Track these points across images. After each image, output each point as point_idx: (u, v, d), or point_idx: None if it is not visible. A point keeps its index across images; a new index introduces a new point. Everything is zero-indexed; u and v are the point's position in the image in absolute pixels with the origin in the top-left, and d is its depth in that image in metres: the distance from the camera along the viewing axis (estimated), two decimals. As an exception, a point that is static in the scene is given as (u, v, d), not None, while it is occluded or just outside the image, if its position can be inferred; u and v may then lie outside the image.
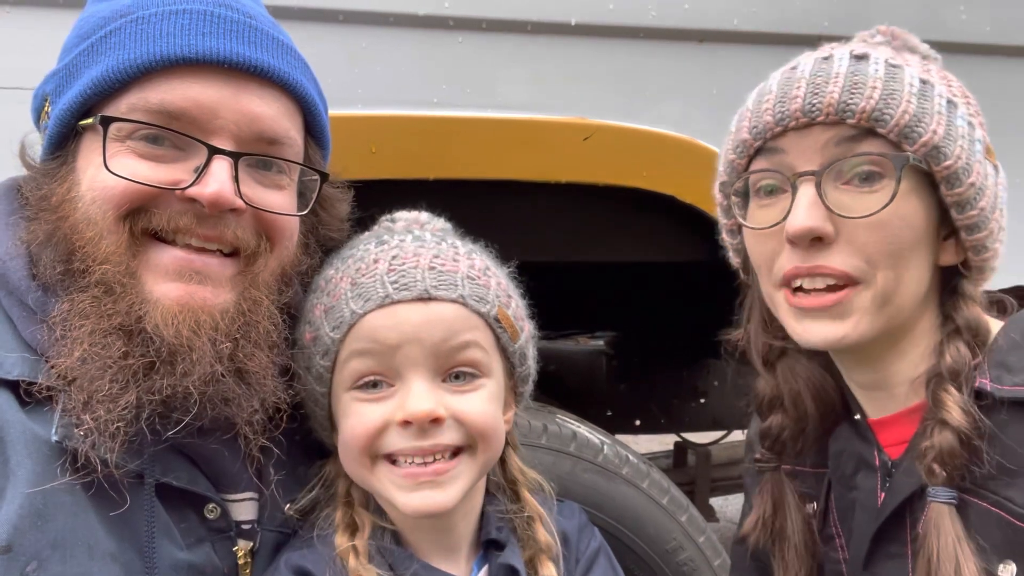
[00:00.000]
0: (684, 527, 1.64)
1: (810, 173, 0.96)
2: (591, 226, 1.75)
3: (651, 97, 1.62)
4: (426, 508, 1.01)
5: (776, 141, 0.99)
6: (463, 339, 1.02)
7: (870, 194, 0.96)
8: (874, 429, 1.08)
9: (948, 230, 1.00)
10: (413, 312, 1.01)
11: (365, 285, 1.03)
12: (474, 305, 1.04)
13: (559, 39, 1.57)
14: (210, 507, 1.03)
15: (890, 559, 1.04)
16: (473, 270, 1.06)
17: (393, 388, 1.02)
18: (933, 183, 0.98)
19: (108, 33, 1.00)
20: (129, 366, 0.95)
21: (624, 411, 2.85)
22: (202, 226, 0.99)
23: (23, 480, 0.91)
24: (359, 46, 1.50)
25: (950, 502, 0.96)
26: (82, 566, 0.92)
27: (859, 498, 1.08)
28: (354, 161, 1.45)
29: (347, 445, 1.04)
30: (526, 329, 1.12)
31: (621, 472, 1.61)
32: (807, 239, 0.96)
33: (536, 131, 1.57)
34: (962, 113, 0.99)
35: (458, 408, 1.02)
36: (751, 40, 1.64)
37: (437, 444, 1.01)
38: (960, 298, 1.01)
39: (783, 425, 1.13)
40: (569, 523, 1.18)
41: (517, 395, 1.14)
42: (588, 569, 1.16)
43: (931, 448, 0.96)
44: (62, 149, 1.03)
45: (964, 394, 0.96)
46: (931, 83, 0.98)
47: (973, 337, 1.00)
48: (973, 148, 0.98)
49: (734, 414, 2.82)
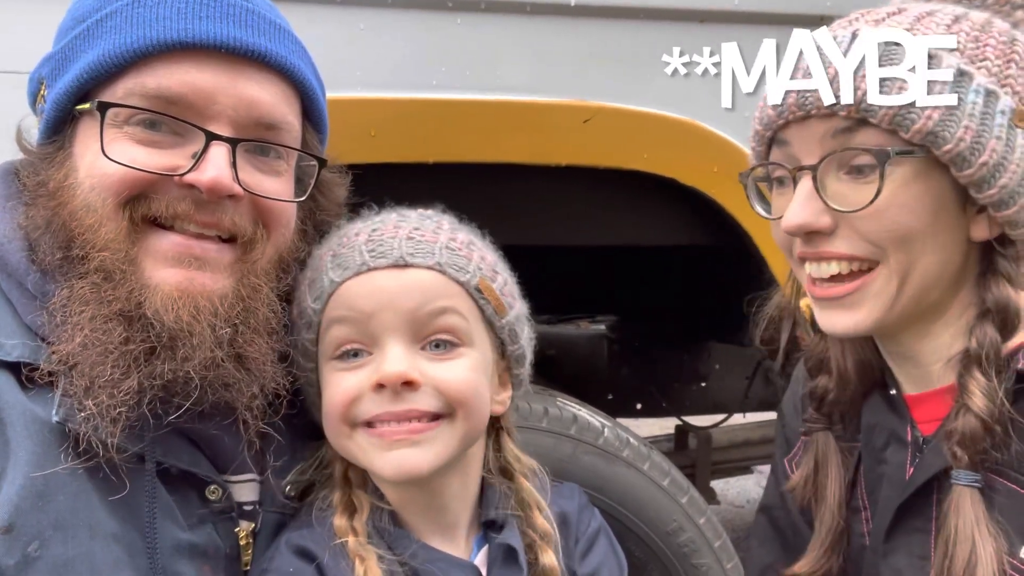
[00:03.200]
0: (685, 509, 1.64)
1: (808, 167, 0.96)
2: (592, 209, 1.75)
3: (652, 79, 1.61)
4: (402, 468, 1.00)
5: (782, 132, 0.99)
6: (439, 304, 1.02)
7: (865, 184, 0.94)
8: (909, 404, 1.08)
9: (979, 204, 0.96)
10: (389, 278, 1.02)
11: (343, 256, 1.04)
12: (452, 273, 1.04)
13: (559, 20, 1.56)
14: (211, 488, 1.03)
15: (913, 533, 1.05)
16: (454, 242, 1.06)
17: (371, 356, 1.03)
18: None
19: (104, 16, 0.99)
20: (130, 351, 0.95)
21: (625, 395, 2.85)
22: (200, 212, 0.99)
23: (24, 461, 0.92)
24: (357, 28, 1.49)
25: (972, 485, 0.96)
26: (84, 546, 0.93)
27: (887, 472, 1.09)
28: (353, 145, 1.45)
29: (327, 415, 1.05)
30: (516, 307, 1.12)
31: (622, 455, 1.62)
32: (801, 234, 0.97)
33: (536, 114, 1.56)
34: (978, 84, 0.92)
35: (435, 375, 1.01)
36: (753, 20, 1.63)
37: (412, 409, 1.00)
38: (993, 276, 0.98)
39: (828, 387, 1.14)
40: (569, 504, 1.18)
41: (513, 377, 1.14)
42: (588, 549, 1.16)
43: (955, 432, 0.96)
44: (59, 133, 1.02)
45: (991, 377, 0.95)
46: (938, 57, 0.92)
47: (1002, 318, 0.97)
48: (987, 124, 0.92)
49: (734, 397, 2.82)
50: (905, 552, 1.05)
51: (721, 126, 1.62)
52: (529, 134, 1.56)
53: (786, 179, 1.01)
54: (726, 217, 1.67)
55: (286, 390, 1.05)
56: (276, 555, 1.04)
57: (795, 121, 0.97)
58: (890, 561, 1.07)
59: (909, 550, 1.05)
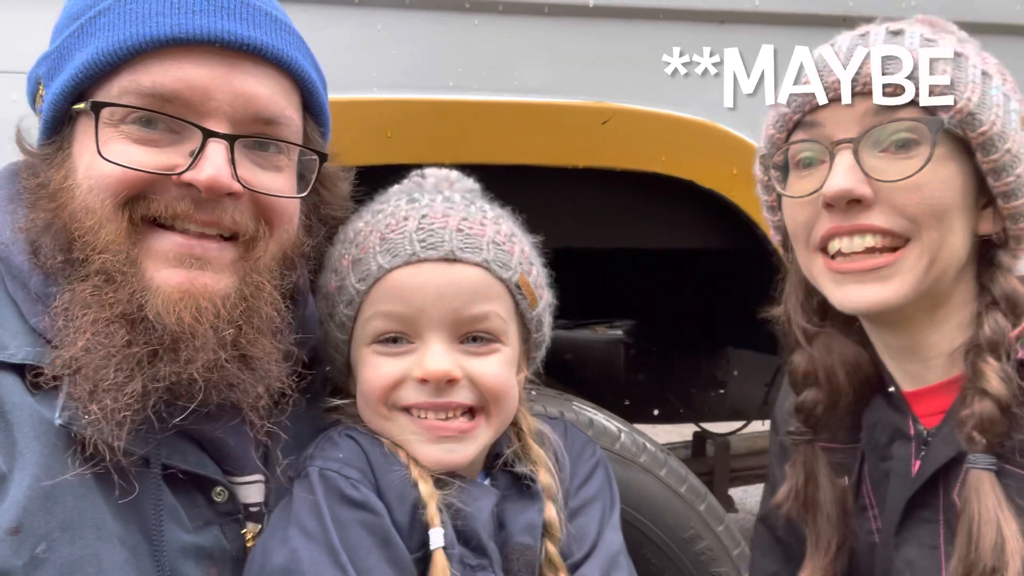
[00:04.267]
0: (702, 516, 1.62)
1: (847, 141, 0.99)
2: (609, 212, 1.74)
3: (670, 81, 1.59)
4: (446, 461, 1.05)
5: (814, 115, 1.02)
6: (483, 309, 1.06)
7: (906, 160, 0.98)
8: (908, 401, 1.10)
9: (986, 199, 1.02)
10: (437, 272, 1.05)
11: (394, 241, 1.06)
12: (497, 271, 1.07)
13: (577, 21, 1.55)
14: (217, 490, 1.03)
15: (922, 524, 1.07)
16: (499, 235, 1.09)
17: (412, 345, 1.06)
18: (969, 151, 1.00)
19: (97, 14, 0.98)
20: (133, 354, 0.95)
21: (642, 401, 2.83)
22: (200, 211, 0.98)
23: (31, 462, 0.91)
24: (375, 29, 1.48)
25: (990, 468, 0.98)
26: (91, 547, 0.92)
27: (893, 468, 1.10)
28: (369, 146, 1.45)
29: (365, 395, 1.08)
30: (544, 297, 1.15)
31: (638, 460, 1.60)
32: (844, 200, 0.98)
33: (553, 115, 1.55)
34: (996, 84, 1.01)
35: (473, 370, 1.06)
36: (772, 21, 1.61)
37: (451, 401, 1.05)
38: (997, 269, 1.03)
39: (817, 400, 1.14)
40: (568, 442, 1.20)
41: (529, 359, 1.17)
42: (584, 481, 1.18)
43: (971, 416, 0.98)
44: (57, 134, 1.01)
45: (1003, 363, 0.98)
46: (965, 55, 1.01)
47: (1011, 309, 1.01)
48: (1008, 117, 1.00)
49: (753, 404, 2.79)
50: (916, 543, 1.07)
51: (740, 128, 1.60)
52: (546, 136, 1.55)
53: (815, 160, 1.03)
54: (744, 220, 1.65)
55: (292, 388, 1.05)
56: (324, 442, 1.06)
57: (834, 101, 1.00)
58: (902, 553, 1.08)
59: (920, 541, 1.07)
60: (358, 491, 1.00)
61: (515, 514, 1.09)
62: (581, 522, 1.14)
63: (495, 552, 1.05)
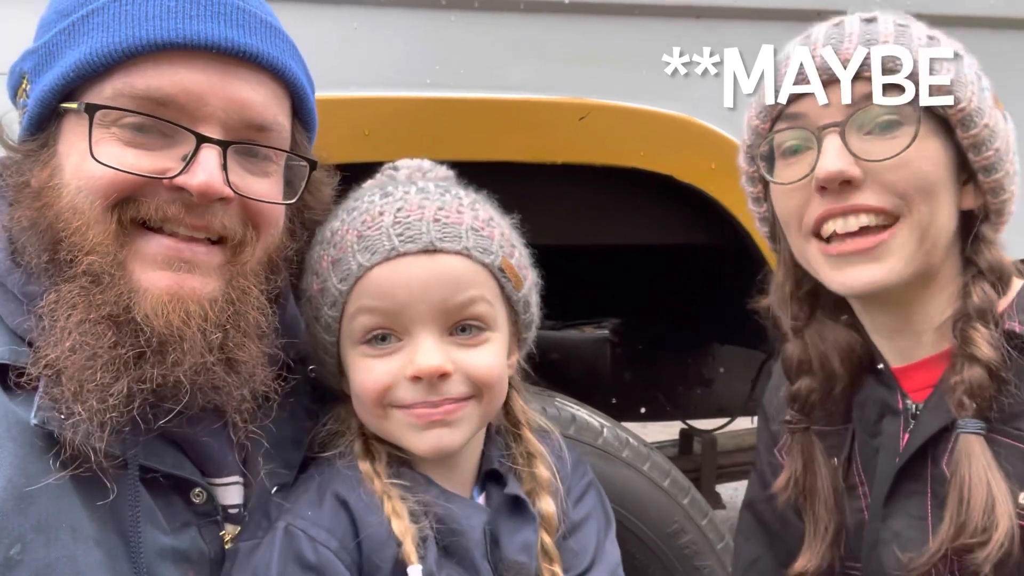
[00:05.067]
0: (686, 510, 1.62)
1: (834, 125, 1.01)
2: (589, 207, 1.74)
3: (647, 76, 1.60)
4: (438, 447, 1.05)
5: (795, 106, 1.04)
6: (468, 295, 1.05)
7: (892, 140, 1.01)
8: (897, 377, 1.12)
9: (967, 175, 1.06)
10: (418, 265, 1.03)
11: (371, 238, 1.04)
12: (479, 257, 1.06)
13: (553, 18, 1.55)
14: (196, 491, 1.02)
15: (910, 496, 1.09)
16: (477, 221, 1.08)
17: (401, 343, 1.05)
18: (949, 128, 1.03)
19: (90, 12, 0.98)
20: (120, 356, 0.94)
21: (629, 399, 2.83)
22: (190, 215, 0.97)
23: (6, 463, 0.90)
24: (351, 27, 1.48)
25: (979, 432, 1.00)
26: (66, 549, 0.91)
27: (882, 443, 1.12)
28: (347, 144, 1.44)
29: (359, 398, 1.07)
30: (529, 278, 1.14)
31: (621, 455, 1.60)
32: (837, 182, 1.00)
33: (531, 111, 1.55)
34: (968, 63, 1.05)
35: (465, 362, 1.05)
36: (749, 16, 1.62)
37: (446, 398, 1.04)
38: (982, 242, 1.06)
39: (811, 388, 1.16)
40: (561, 462, 1.20)
41: (520, 341, 1.16)
42: (578, 500, 1.18)
43: (961, 383, 1.01)
44: (42, 131, 1.00)
45: (993, 330, 1.02)
46: (937, 38, 1.05)
47: (997, 278, 1.05)
48: (983, 95, 1.04)
49: (740, 400, 2.80)
50: (903, 514, 1.09)
51: (719, 123, 1.61)
52: (524, 132, 1.55)
53: (801, 147, 1.05)
54: (724, 215, 1.66)
55: (276, 393, 1.04)
56: (309, 493, 1.05)
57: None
58: (889, 525, 1.10)
59: (907, 512, 1.09)
60: (315, 554, 1.00)
61: (510, 532, 1.08)
62: (580, 537, 1.14)
63: (488, 572, 1.04)
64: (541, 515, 1.11)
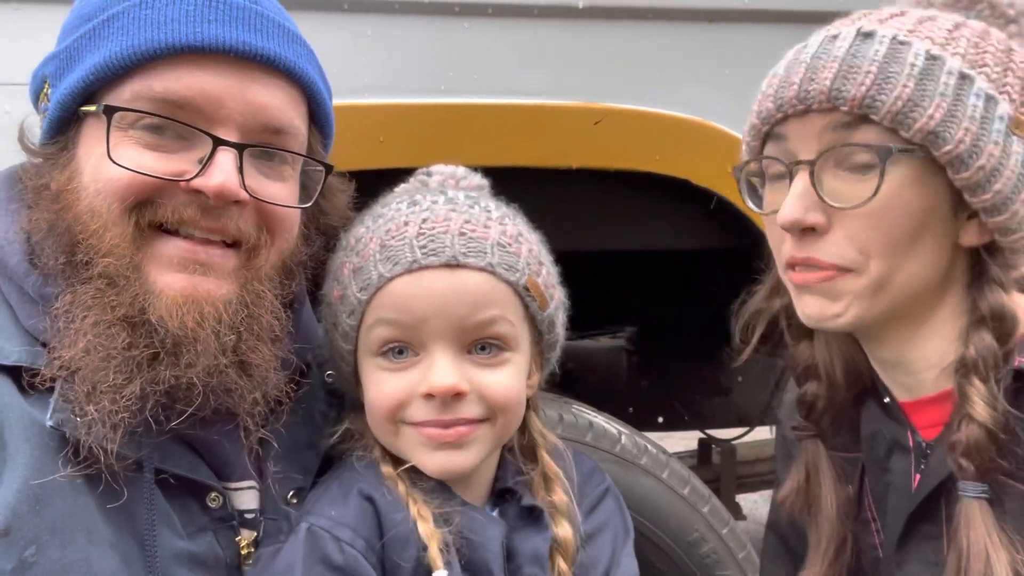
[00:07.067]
0: (706, 518, 1.60)
1: (805, 162, 0.95)
2: (604, 212, 1.73)
3: (661, 79, 1.59)
4: (447, 468, 1.03)
5: (780, 127, 0.98)
6: (489, 314, 1.02)
7: (863, 182, 0.93)
8: (907, 411, 1.07)
9: (971, 210, 0.96)
10: (439, 280, 1.01)
11: (394, 248, 1.02)
12: (503, 274, 1.03)
13: (566, 22, 1.55)
14: (212, 496, 1.02)
15: (925, 540, 1.03)
16: (504, 236, 1.05)
17: (417, 357, 1.03)
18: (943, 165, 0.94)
19: (111, 17, 0.99)
20: (133, 357, 0.94)
21: (646, 408, 2.80)
22: (206, 218, 0.98)
23: (22, 464, 0.90)
24: (364, 34, 1.49)
25: (980, 496, 0.95)
26: (82, 551, 0.91)
27: (892, 480, 1.07)
28: (362, 150, 1.45)
29: (371, 412, 1.06)
30: (556, 297, 1.11)
31: (639, 462, 1.58)
32: (796, 230, 0.96)
33: (545, 116, 1.55)
34: (979, 88, 0.92)
35: (482, 383, 1.02)
36: (762, 19, 1.61)
37: (459, 418, 1.02)
38: (986, 283, 0.98)
39: (817, 394, 1.12)
40: (577, 467, 1.18)
41: (544, 361, 1.14)
42: (592, 509, 1.16)
43: (959, 443, 0.94)
44: (62, 134, 1.02)
45: (990, 384, 0.94)
46: (941, 58, 0.92)
47: (998, 325, 0.96)
48: (986, 128, 0.92)
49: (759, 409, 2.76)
50: (918, 559, 1.04)
51: (734, 126, 1.60)
52: (539, 137, 1.55)
53: (782, 175, 0.99)
54: (741, 219, 1.64)
55: (289, 397, 1.04)
56: (332, 492, 1.04)
57: (794, 116, 0.96)
58: (905, 570, 1.05)
59: (922, 556, 1.03)
60: (342, 554, 0.98)
61: (522, 543, 1.07)
62: (593, 549, 1.12)
63: None
64: (557, 540, 1.09)
